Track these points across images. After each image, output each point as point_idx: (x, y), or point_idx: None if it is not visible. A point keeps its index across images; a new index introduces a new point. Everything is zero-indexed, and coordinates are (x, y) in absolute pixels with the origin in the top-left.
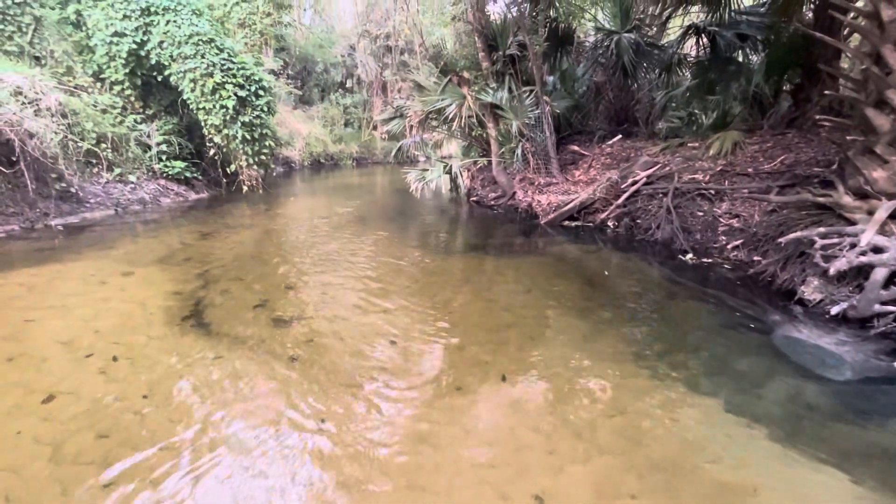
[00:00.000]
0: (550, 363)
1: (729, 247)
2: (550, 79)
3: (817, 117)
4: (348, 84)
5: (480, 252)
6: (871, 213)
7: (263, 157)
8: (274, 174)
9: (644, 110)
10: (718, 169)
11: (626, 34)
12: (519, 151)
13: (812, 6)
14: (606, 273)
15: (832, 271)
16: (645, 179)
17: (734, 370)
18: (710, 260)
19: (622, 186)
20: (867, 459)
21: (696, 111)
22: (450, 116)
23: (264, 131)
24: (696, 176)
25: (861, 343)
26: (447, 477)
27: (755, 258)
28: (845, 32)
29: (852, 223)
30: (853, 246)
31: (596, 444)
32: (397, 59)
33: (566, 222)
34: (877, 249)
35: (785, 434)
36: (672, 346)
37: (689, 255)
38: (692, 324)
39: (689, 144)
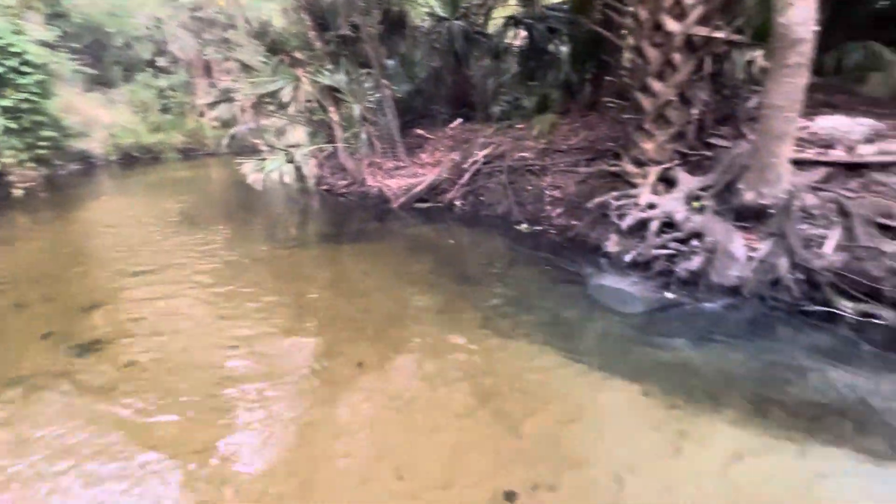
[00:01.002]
0: (406, 341)
1: (554, 215)
2: (390, 62)
3: (603, 100)
4: (161, 62)
5: (333, 241)
6: (646, 177)
7: (42, 152)
8: (64, 172)
9: (480, 95)
10: (541, 147)
11: (456, 21)
12: (364, 136)
13: (601, 6)
14: (456, 248)
15: (624, 227)
16: (483, 159)
17: (562, 319)
18: (541, 227)
19: (464, 167)
20: (654, 372)
21: (521, 96)
22: (286, 100)
23: (38, 118)
24: (524, 154)
25: (646, 282)
26: (310, 471)
27: (573, 222)
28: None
29: (635, 186)
30: (636, 205)
31: (452, 411)
32: (219, 34)
33: (418, 204)
34: (651, 206)
35: (599, 363)
36: (514, 306)
37: (524, 225)
38: (529, 285)
39: (517, 126)
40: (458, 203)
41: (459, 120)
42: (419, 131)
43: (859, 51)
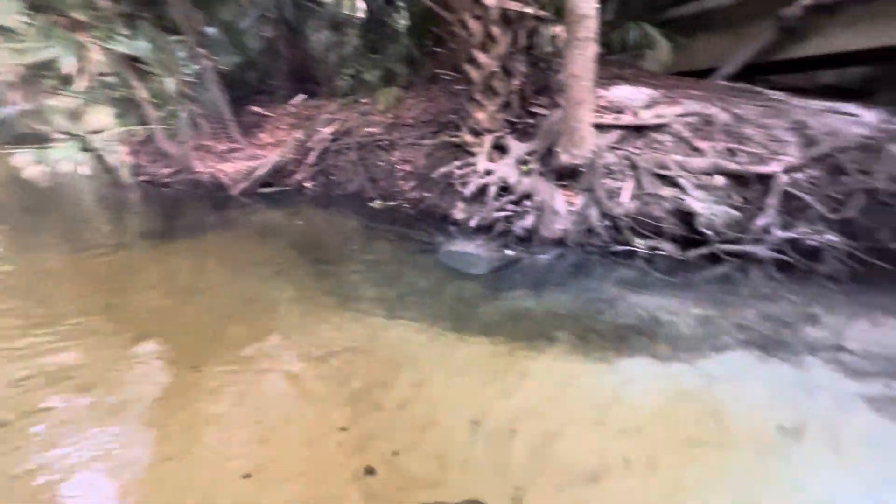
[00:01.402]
0: (254, 335)
1: (406, 189)
2: (210, 30)
3: (435, 71)
4: None
5: (161, 239)
6: (482, 146)
7: None
8: None
9: (322, 69)
10: (388, 122)
11: None
12: (183, 115)
13: None
14: (308, 231)
15: (467, 194)
16: (330, 136)
17: (417, 288)
18: (395, 203)
19: (310, 145)
20: (499, 324)
21: (364, 70)
22: (69, 73)
23: None
24: (372, 129)
25: (490, 243)
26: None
27: (424, 195)
28: None
29: (474, 155)
30: (476, 173)
31: (306, 398)
32: None
33: (262, 189)
34: (488, 172)
35: (452, 325)
36: (372, 283)
37: (378, 202)
38: (386, 259)
39: (362, 101)
40: (308, 184)
41: (302, 96)
42: (256, 109)
43: (636, 30)
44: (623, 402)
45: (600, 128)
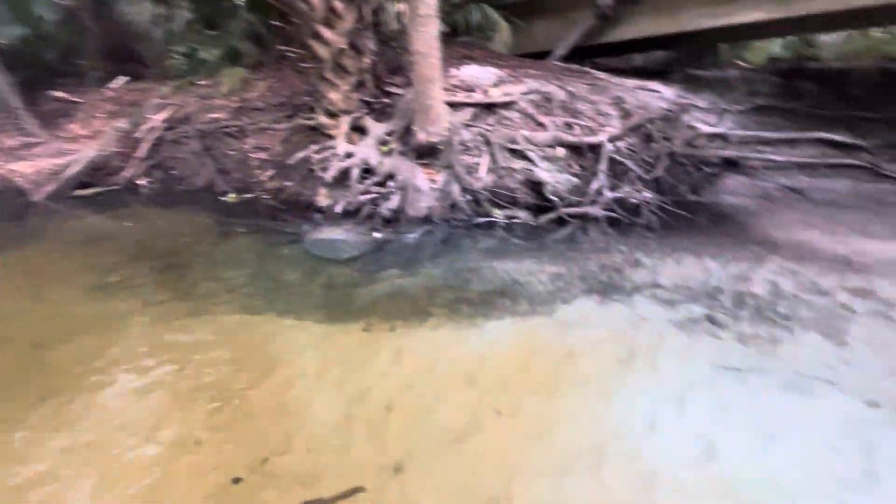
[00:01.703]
0: (78, 361)
1: (265, 178)
2: None
3: (280, 48)
4: None
5: None
6: (340, 128)
7: None
8: None
9: (148, 47)
10: (235, 106)
11: None
12: None
13: None
14: (148, 235)
15: (329, 179)
16: (163, 125)
17: (284, 282)
18: (253, 194)
19: (138, 136)
20: (374, 306)
21: (199, 48)
22: None
23: None
24: (216, 115)
25: (358, 227)
26: None
27: (285, 183)
28: None
29: (332, 138)
30: (336, 156)
31: (151, 416)
32: None
33: (80, 191)
34: (349, 155)
35: (324, 314)
36: (230, 283)
37: (232, 195)
38: (247, 256)
39: (200, 83)
40: (142, 182)
41: (123, 78)
42: (60, 94)
43: (478, 12)
44: (491, 361)
45: (454, 106)
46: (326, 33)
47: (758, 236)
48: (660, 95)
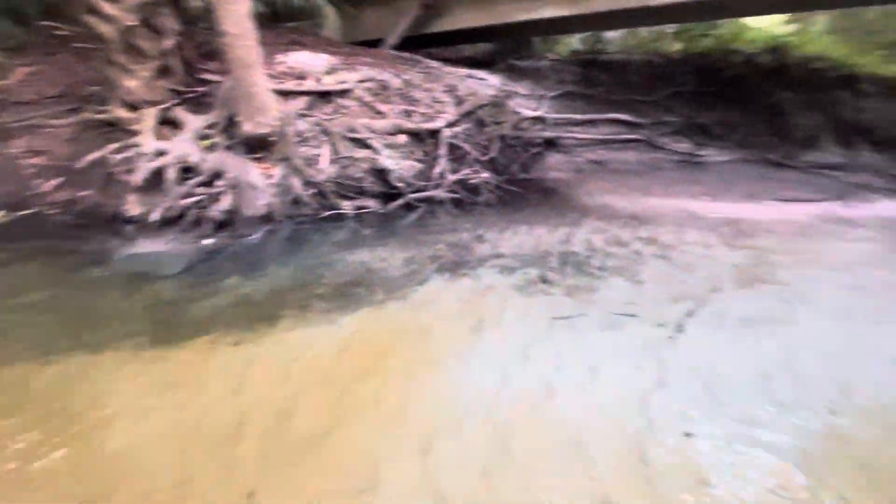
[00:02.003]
0: None
1: (49, 188)
2: None
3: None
4: None
5: None
6: (144, 122)
7: None
8: None
9: None
10: None
11: None
12: None
13: None
14: None
15: (137, 182)
16: None
17: (96, 310)
18: (33, 210)
19: None
20: (213, 319)
21: None
22: None
23: None
24: None
25: (184, 235)
26: None
27: (80, 193)
28: None
29: (135, 134)
30: (143, 155)
31: None
32: None
33: None
34: (161, 153)
35: (151, 338)
36: (21, 321)
37: (2, 213)
38: (35, 287)
39: None
40: None
41: None
42: None
43: None
44: (349, 354)
45: (284, 94)
46: (107, 7)
47: (575, 204)
48: (487, 83)
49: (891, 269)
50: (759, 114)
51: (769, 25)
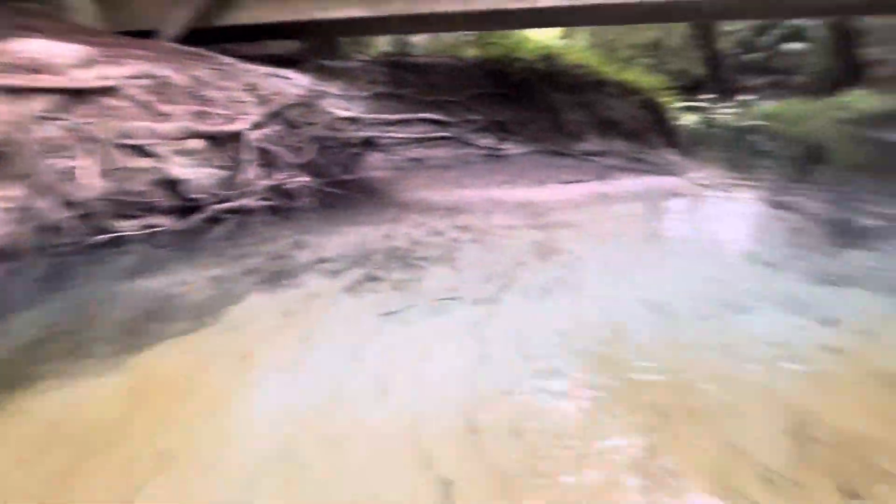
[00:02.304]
0: None
1: None
2: None
3: None
4: None
5: None
6: None
7: None
8: None
9: None
10: None
11: None
12: None
13: None
14: None
15: None
16: None
17: None
18: None
19: None
20: None
21: None
22: None
23: None
24: None
25: None
26: None
27: None
28: None
29: None
30: None
31: None
32: None
33: None
34: None
35: None
36: None
37: None
38: None
39: None
40: None
41: None
42: None
43: None
44: (147, 401)
45: (14, 92)
46: None
47: (396, 200)
48: (294, 82)
49: (636, 227)
50: (542, 112)
51: (546, 38)
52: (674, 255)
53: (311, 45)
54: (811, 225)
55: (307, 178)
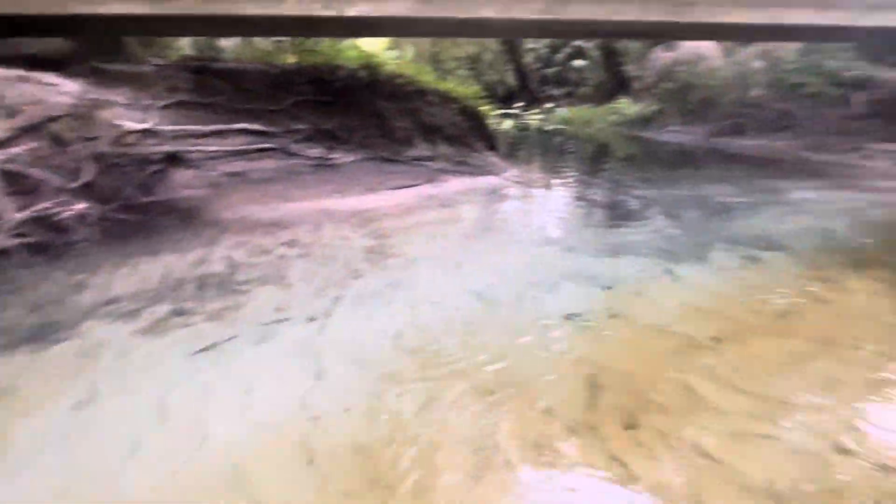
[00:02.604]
0: None
1: None
2: None
3: None
4: None
5: None
6: None
7: None
8: None
9: None
10: None
11: None
12: None
13: None
14: None
15: None
16: None
17: None
18: None
19: None
20: None
21: None
22: None
23: None
24: None
25: None
26: None
27: None
28: None
29: None
30: None
31: None
32: None
33: None
34: None
35: None
36: None
37: None
38: None
39: None
40: None
41: None
42: None
43: None
44: None
45: None
46: None
47: (211, 220)
48: (58, 89)
49: (462, 225)
50: (370, 119)
51: (373, 49)
52: (495, 246)
53: (87, 45)
54: (598, 210)
55: (85, 205)
